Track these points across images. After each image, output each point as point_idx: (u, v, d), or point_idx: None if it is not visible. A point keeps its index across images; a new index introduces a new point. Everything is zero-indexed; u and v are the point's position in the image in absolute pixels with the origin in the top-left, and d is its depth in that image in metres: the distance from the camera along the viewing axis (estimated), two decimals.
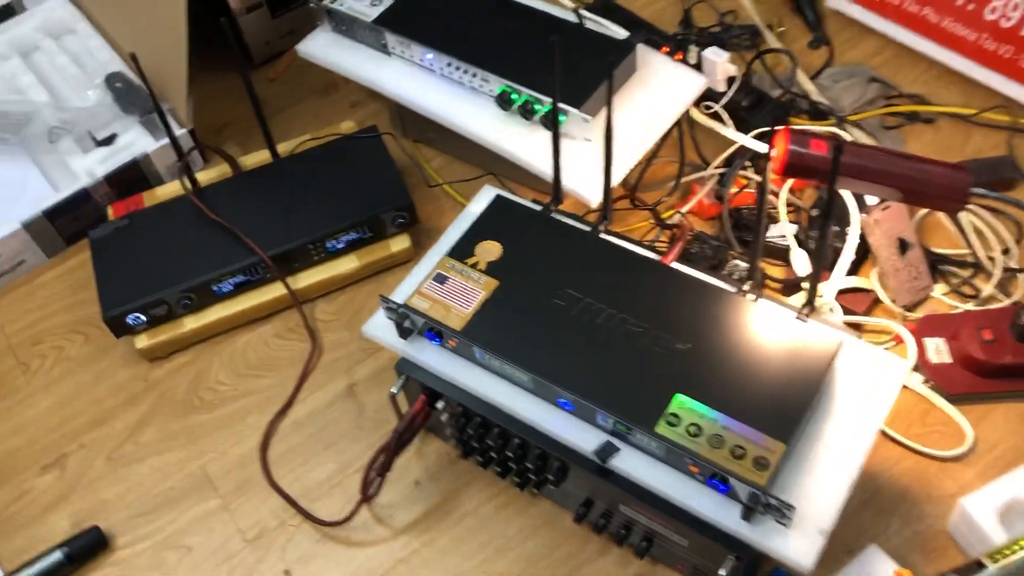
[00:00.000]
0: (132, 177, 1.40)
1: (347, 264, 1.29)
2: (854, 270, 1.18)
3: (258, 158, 1.39)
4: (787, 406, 0.91)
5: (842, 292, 1.16)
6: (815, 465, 0.92)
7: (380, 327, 1.07)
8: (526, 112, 1.20)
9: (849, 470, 0.92)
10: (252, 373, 1.24)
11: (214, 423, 1.20)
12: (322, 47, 1.36)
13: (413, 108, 1.28)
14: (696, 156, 1.33)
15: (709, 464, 0.88)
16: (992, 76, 1.37)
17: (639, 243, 1.09)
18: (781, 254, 1.21)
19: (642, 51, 1.27)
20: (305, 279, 1.28)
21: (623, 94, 1.23)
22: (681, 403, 0.92)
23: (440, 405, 1.05)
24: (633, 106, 1.23)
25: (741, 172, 1.27)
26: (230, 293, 1.26)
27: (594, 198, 1.14)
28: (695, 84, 1.25)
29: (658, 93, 1.24)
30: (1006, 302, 1.16)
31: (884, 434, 1.09)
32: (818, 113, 1.34)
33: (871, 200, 1.16)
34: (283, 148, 1.38)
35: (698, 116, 1.30)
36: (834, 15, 1.52)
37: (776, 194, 1.23)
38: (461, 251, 1.07)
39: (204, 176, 1.37)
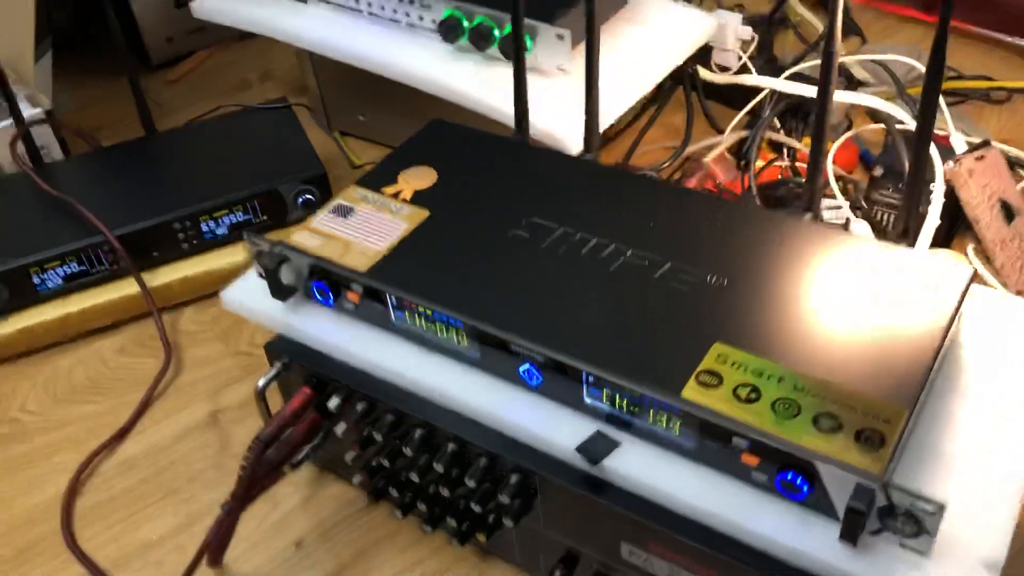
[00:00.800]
0: None
1: (230, 257, 0.93)
2: (943, 242, 0.84)
3: None
4: (898, 356, 0.54)
5: None
6: (952, 458, 0.55)
7: (246, 290, 0.71)
8: (480, 39, 0.89)
9: (1011, 469, 0.54)
10: (75, 398, 0.85)
11: (5, 464, 0.80)
12: (223, 2, 1.06)
13: (339, 57, 0.96)
14: (708, 126, 1.02)
15: (776, 442, 0.50)
16: None
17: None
18: None
19: None
20: (168, 274, 0.92)
21: (609, 29, 0.93)
22: (723, 355, 0.55)
23: (334, 402, 0.67)
24: (622, 43, 0.92)
25: (771, 135, 0.94)
26: (59, 290, 0.89)
27: (574, 141, 0.81)
28: (702, 26, 0.95)
29: (654, 33, 0.94)
30: None
31: None
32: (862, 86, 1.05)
33: (959, 147, 0.84)
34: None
35: (709, 75, 0.99)
36: (861, 9, 1.25)
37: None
38: (377, 179, 0.73)
39: None
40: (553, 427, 0.58)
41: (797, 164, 0.93)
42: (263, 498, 0.73)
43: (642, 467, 0.55)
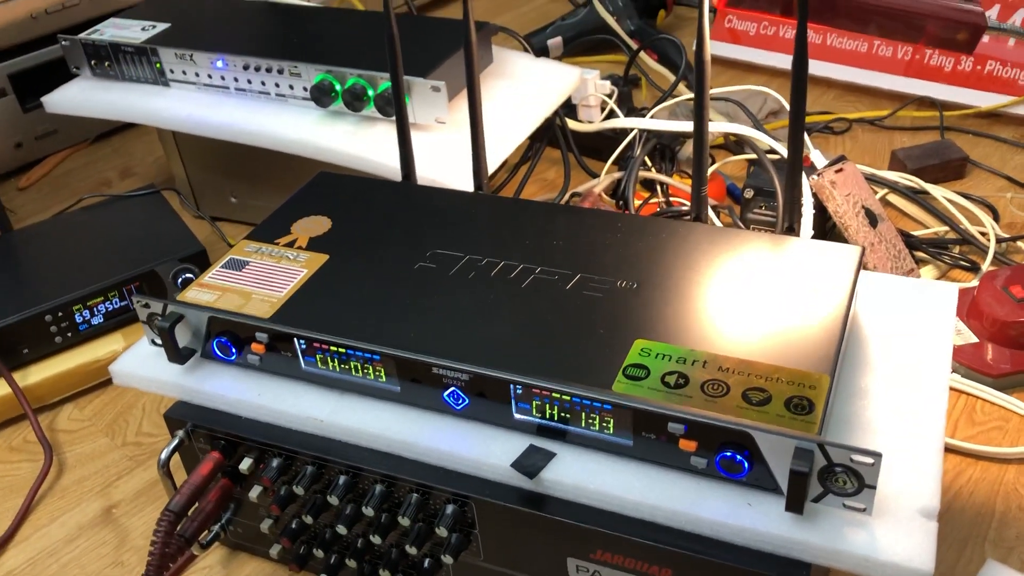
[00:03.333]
0: None
1: (109, 346, 0.88)
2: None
3: None
4: (810, 330, 0.56)
5: None
6: (874, 423, 0.56)
7: (138, 359, 0.67)
8: (355, 100, 0.89)
9: (928, 426, 0.56)
10: None
11: None
12: (79, 93, 1.03)
13: (210, 133, 0.94)
14: (583, 175, 1.05)
15: (712, 420, 0.51)
16: (896, 80, 1.18)
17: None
18: None
19: (498, 49, 1.01)
20: (42, 371, 0.86)
21: (480, 85, 0.95)
22: (646, 349, 0.55)
23: (246, 463, 0.63)
24: (494, 96, 0.94)
25: (643, 175, 0.98)
26: None
27: (463, 188, 0.82)
28: (566, 78, 0.99)
29: (523, 86, 0.97)
30: None
31: None
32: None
33: (820, 162, 0.89)
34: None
35: (579, 125, 1.03)
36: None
37: (684, 196, 0.94)
38: (268, 232, 0.71)
39: None
40: (484, 448, 0.57)
41: (672, 199, 0.97)
42: None
43: (581, 473, 0.54)
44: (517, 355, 0.56)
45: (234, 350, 0.63)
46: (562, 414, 0.55)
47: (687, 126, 0.94)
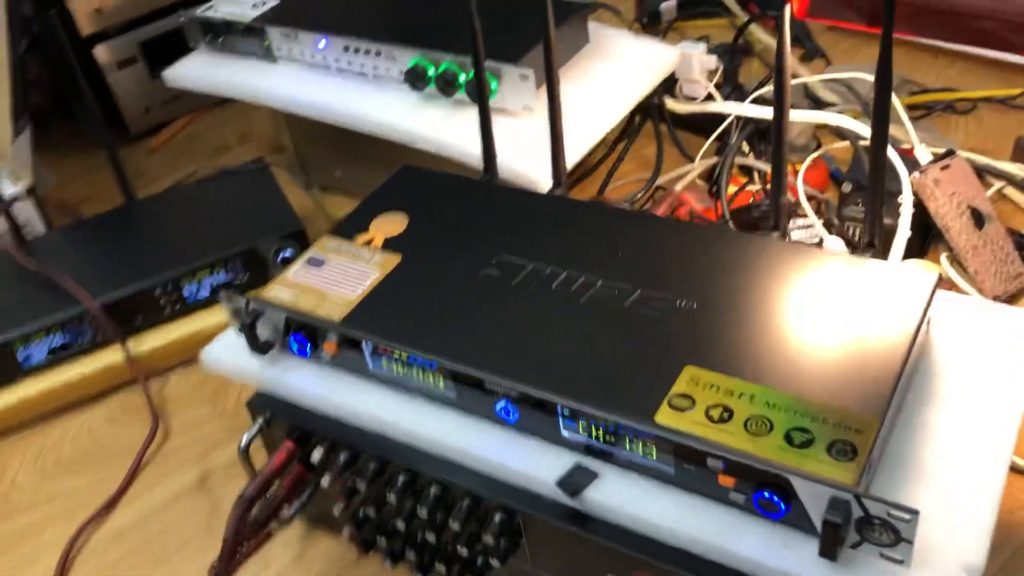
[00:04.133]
0: None
1: (214, 318, 0.94)
2: (917, 252, 0.84)
3: None
4: (867, 366, 0.54)
5: None
6: (929, 465, 0.55)
7: (225, 348, 0.71)
8: (446, 85, 0.90)
9: (988, 476, 0.54)
10: (64, 471, 0.85)
11: None
12: (195, 68, 1.08)
13: (308, 114, 0.98)
14: (680, 155, 1.03)
15: (750, 460, 0.50)
16: None
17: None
18: None
19: (597, 27, 1.00)
20: (152, 340, 0.92)
21: (574, 66, 0.94)
22: (695, 377, 0.55)
23: (318, 454, 0.67)
24: (588, 79, 0.93)
25: (740, 161, 0.95)
26: (44, 364, 0.90)
27: (544, 178, 0.82)
28: (666, 58, 0.97)
29: (619, 67, 0.95)
30: None
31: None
32: (826, 107, 1.06)
33: (924, 158, 0.85)
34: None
35: (675, 105, 1.00)
36: (824, 31, 1.27)
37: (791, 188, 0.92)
38: (349, 228, 0.73)
39: None
40: (532, 463, 0.58)
41: (768, 187, 0.94)
42: (254, 558, 0.74)
43: (622, 496, 0.55)
44: (565, 375, 0.57)
45: (308, 347, 0.67)
46: (607, 436, 0.56)
47: (804, 114, 0.91)
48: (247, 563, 0.74)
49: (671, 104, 1.02)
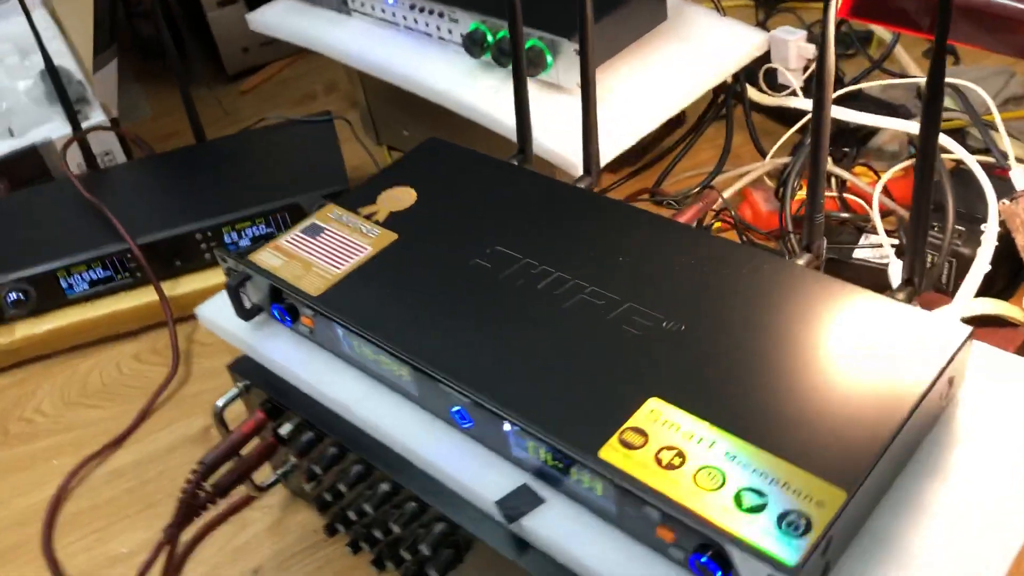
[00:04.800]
0: (30, 165, 1.10)
1: None
2: (994, 290, 0.74)
3: None
4: (853, 429, 0.47)
5: (972, 323, 0.71)
6: (916, 553, 0.47)
7: (218, 307, 0.69)
8: (502, 55, 0.85)
9: (986, 571, 0.46)
10: (85, 402, 0.87)
11: (9, 463, 0.82)
12: (276, 15, 1.07)
13: (369, 70, 0.95)
14: (754, 148, 0.94)
15: (687, 518, 0.44)
16: None
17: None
18: (876, 277, 0.78)
19: (679, 4, 0.92)
20: (189, 284, 0.92)
21: (645, 45, 0.87)
22: (654, 413, 0.49)
23: (286, 429, 0.65)
24: (657, 60, 0.86)
25: None
26: (85, 294, 0.91)
27: (581, 162, 0.76)
28: (751, 42, 0.88)
29: (695, 49, 0.87)
30: None
31: None
32: None
33: (1020, 182, 0.74)
34: None
35: (757, 95, 0.92)
36: None
37: (865, 197, 0.82)
38: (357, 199, 0.70)
39: None
40: (480, 476, 0.54)
41: (846, 195, 0.85)
42: (232, 520, 0.73)
43: (562, 530, 0.50)
44: (521, 388, 0.52)
45: (288, 318, 0.64)
46: (555, 461, 0.51)
47: (875, 119, 0.81)
48: (227, 522, 0.73)
49: (753, 93, 0.93)
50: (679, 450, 0.47)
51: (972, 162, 0.73)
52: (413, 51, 0.93)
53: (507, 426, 0.52)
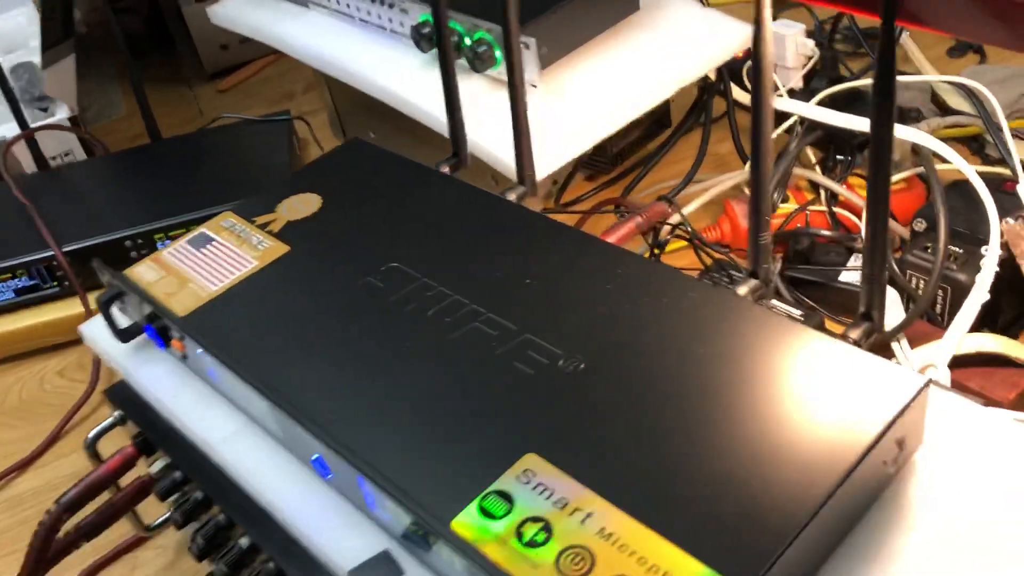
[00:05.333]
0: None
1: None
2: (999, 324, 0.63)
3: None
4: (766, 510, 0.37)
5: (963, 364, 0.61)
6: None
7: (101, 325, 0.62)
8: (453, 49, 0.77)
9: None
10: (3, 422, 0.80)
11: None
12: (236, 7, 1.00)
13: (319, 65, 0.88)
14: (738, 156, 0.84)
15: None
16: None
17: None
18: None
19: None
20: None
21: (613, 37, 0.78)
22: (528, 473, 0.41)
23: (157, 466, 0.57)
24: (625, 56, 0.77)
25: (801, 172, 0.76)
26: (10, 303, 0.85)
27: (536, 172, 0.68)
28: (734, 36, 0.79)
29: (671, 44, 0.78)
30: None
31: None
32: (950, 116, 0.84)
33: None
34: None
35: (740, 95, 0.82)
36: None
37: (857, 212, 0.72)
38: (256, 207, 0.62)
39: None
40: (340, 538, 0.45)
41: (837, 210, 0.74)
42: (122, 561, 0.66)
43: None
44: (387, 437, 0.44)
45: (161, 341, 0.57)
46: (415, 528, 0.42)
47: (839, 118, 0.70)
48: (114, 565, 0.66)
49: (739, 93, 0.83)
50: (546, 522, 0.38)
51: (971, 173, 0.62)
52: (364, 45, 0.85)
53: (364, 483, 0.43)
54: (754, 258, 0.51)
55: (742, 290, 0.50)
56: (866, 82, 0.78)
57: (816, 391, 0.41)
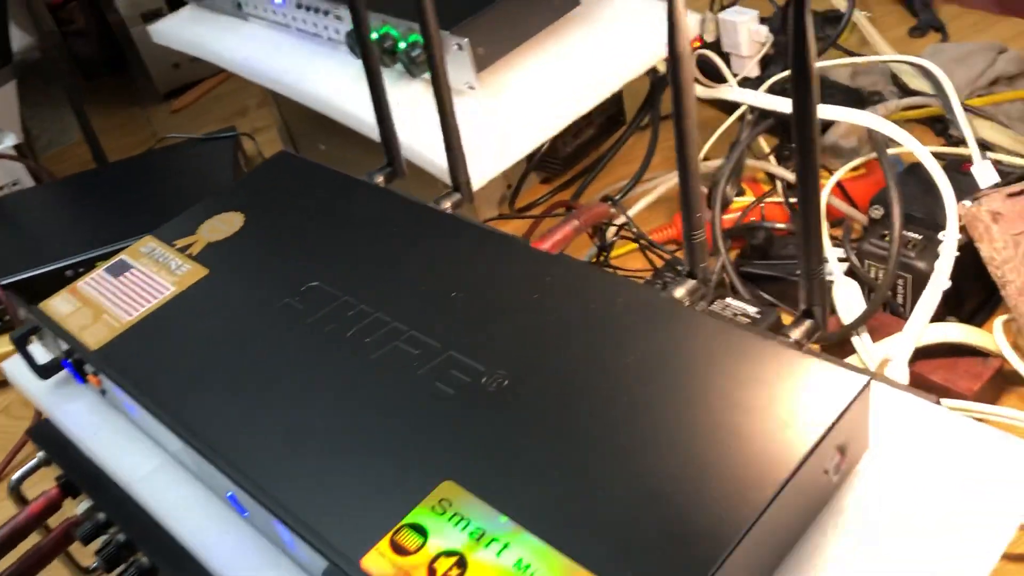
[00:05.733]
0: None
1: None
2: (964, 311, 0.60)
3: None
4: (689, 532, 0.34)
5: (928, 355, 0.58)
6: None
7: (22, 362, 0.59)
8: (383, 54, 0.74)
9: None
10: None
11: None
12: (176, 25, 0.97)
13: (257, 80, 0.85)
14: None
15: None
16: None
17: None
18: None
19: None
20: None
21: (553, 33, 0.75)
22: (444, 503, 0.38)
23: (82, 507, 0.54)
24: (567, 51, 0.74)
25: (754, 163, 0.74)
26: None
27: (475, 178, 0.65)
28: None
29: (611, 39, 0.75)
30: None
31: None
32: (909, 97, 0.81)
33: (984, 179, 0.60)
34: None
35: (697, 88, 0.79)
36: None
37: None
38: (177, 229, 0.60)
39: None
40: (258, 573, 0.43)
41: (793, 200, 0.72)
42: None
43: None
44: (299, 471, 0.41)
45: (79, 376, 0.54)
46: (331, 567, 0.39)
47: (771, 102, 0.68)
48: None
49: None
50: (461, 555, 0.35)
51: (924, 155, 0.60)
52: (302, 56, 0.82)
53: (277, 523, 0.41)
54: (690, 257, 0.48)
55: (679, 292, 0.47)
56: (819, 64, 0.75)
57: (751, 399, 0.39)
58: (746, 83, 0.81)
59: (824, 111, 0.69)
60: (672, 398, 0.39)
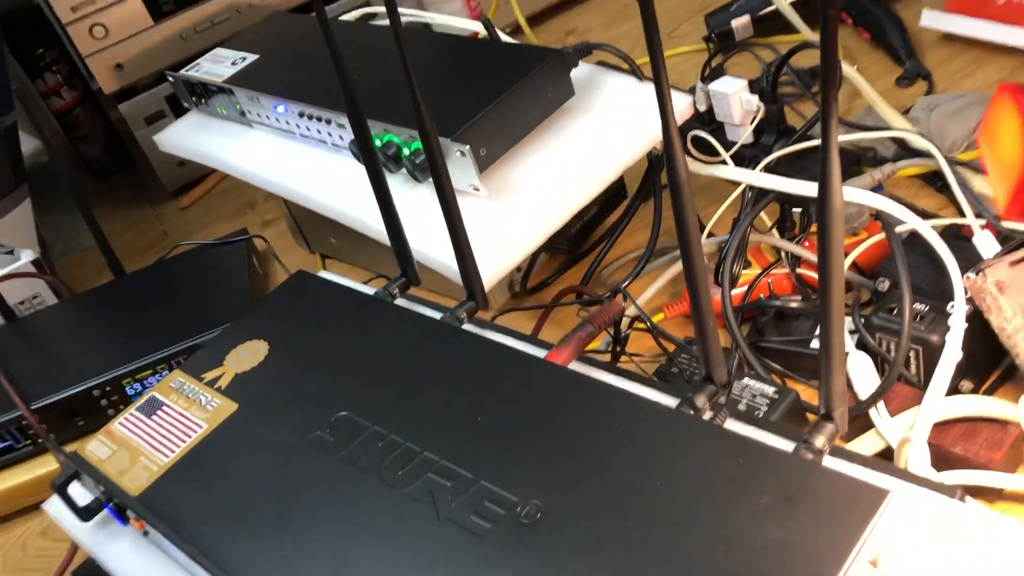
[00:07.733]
0: None
1: None
2: (975, 372, 0.61)
3: None
4: None
5: (945, 421, 0.59)
6: None
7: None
8: (388, 161, 0.76)
9: None
10: None
11: None
12: (181, 132, 0.99)
13: (265, 186, 0.88)
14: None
15: None
16: None
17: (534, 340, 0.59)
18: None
19: (592, 73, 0.82)
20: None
21: (551, 125, 0.77)
22: None
23: None
24: (566, 142, 0.76)
25: (758, 238, 0.75)
26: None
27: (488, 276, 0.66)
28: (675, 106, 0.77)
29: (607, 125, 0.77)
30: None
31: None
32: (909, 155, 0.82)
33: (986, 249, 0.62)
34: None
35: (692, 164, 0.81)
36: (937, 42, 1.01)
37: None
38: (204, 361, 0.61)
39: None
40: None
41: (800, 271, 0.73)
42: None
43: None
44: None
45: (120, 519, 0.55)
46: None
47: (813, 188, 0.69)
48: None
49: (687, 160, 0.82)
50: None
51: (925, 230, 0.61)
52: (307, 163, 0.84)
53: None
54: (705, 364, 0.50)
55: (699, 400, 0.49)
56: (814, 143, 0.77)
57: (781, 520, 0.40)
58: (743, 150, 0.83)
59: (777, 183, 0.70)
60: (706, 521, 0.40)
